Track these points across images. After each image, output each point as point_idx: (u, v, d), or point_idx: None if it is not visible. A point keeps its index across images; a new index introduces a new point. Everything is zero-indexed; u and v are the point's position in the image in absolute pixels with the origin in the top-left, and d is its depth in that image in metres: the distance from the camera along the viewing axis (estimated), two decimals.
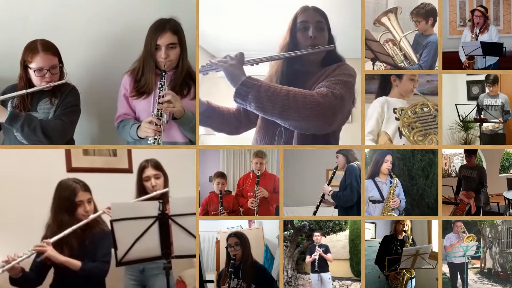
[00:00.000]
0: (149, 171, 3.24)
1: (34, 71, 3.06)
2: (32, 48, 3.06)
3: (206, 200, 3.62)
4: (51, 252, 2.87)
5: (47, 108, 3.14)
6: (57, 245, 2.91)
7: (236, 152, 3.77)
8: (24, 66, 3.09)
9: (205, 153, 3.32)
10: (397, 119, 3.36)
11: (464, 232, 3.61)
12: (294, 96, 2.82)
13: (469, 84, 3.85)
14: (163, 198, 3.01)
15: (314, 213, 3.43)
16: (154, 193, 3.16)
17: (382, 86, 3.44)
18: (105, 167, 3.74)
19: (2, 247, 3.16)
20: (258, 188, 3.57)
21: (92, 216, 3.00)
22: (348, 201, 3.33)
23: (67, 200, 2.99)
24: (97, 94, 3.49)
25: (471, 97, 3.83)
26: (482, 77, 3.78)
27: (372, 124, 3.36)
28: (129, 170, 3.69)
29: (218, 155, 3.72)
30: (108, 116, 3.43)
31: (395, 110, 3.38)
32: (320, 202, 3.44)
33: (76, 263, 2.91)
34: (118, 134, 3.36)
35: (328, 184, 3.46)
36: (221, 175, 3.68)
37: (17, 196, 3.58)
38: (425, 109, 3.39)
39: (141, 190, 3.25)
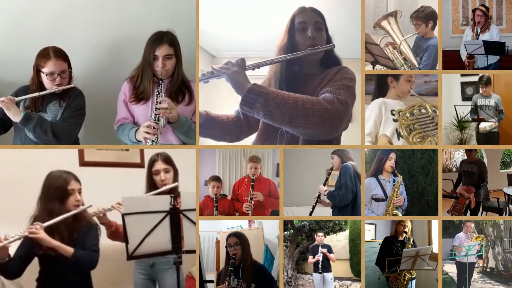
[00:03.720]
0: (159, 165, 3.27)
1: (46, 75, 3.29)
2: (45, 54, 3.31)
3: (200, 204, 3.59)
4: (43, 235, 2.84)
5: (56, 109, 3.36)
6: (47, 233, 2.87)
7: (232, 156, 3.78)
8: (37, 71, 3.33)
9: (200, 157, 3.34)
10: (395, 120, 3.36)
11: (473, 232, 3.61)
12: (302, 103, 2.83)
13: (463, 85, 3.87)
14: (173, 192, 3.03)
15: (310, 214, 3.45)
16: (163, 188, 3.18)
17: (378, 87, 3.44)
18: (117, 162, 3.79)
19: None
20: (253, 193, 3.58)
21: (83, 207, 2.98)
22: (343, 200, 3.35)
23: (58, 189, 2.98)
24: (96, 97, 3.59)
25: (465, 97, 3.86)
26: (475, 78, 3.82)
27: (370, 126, 3.37)
28: (141, 165, 3.73)
29: (214, 159, 3.73)
30: (107, 119, 3.55)
31: (393, 112, 3.38)
32: (316, 202, 3.45)
33: (69, 249, 2.87)
34: (117, 137, 3.48)
35: (324, 184, 3.48)
36: (216, 179, 3.69)
37: (31, 191, 3.60)
38: (423, 111, 3.39)
39: (151, 184, 3.29)
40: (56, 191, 2.98)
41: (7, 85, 3.52)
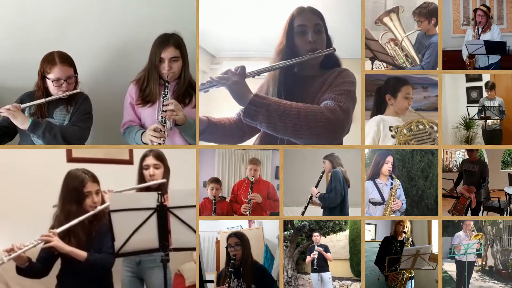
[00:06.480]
0: (150, 160, 3.29)
1: (52, 81, 3.25)
2: (50, 60, 3.26)
3: (199, 206, 3.56)
4: (57, 242, 2.85)
5: (63, 114, 3.33)
6: (64, 236, 2.89)
7: (231, 157, 3.77)
8: (42, 76, 3.28)
9: (200, 159, 3.33)
10: (393, 136, 3.35)
11: (473, 230, 3.61)
12: (305, 113, 2.83)
13: (468, 89, 3.92)
14: (162, 190, 3.00)
15: (303, 214, 3.49)
16: (150, 183, 3.19)
17: (377, 104, 3.41)
18: (105, 158, 3.74)
19: (11, 238, 3.12)
20: (252, 194, 3.58)
21: (99, 208, 2.97)
22: (333, 202, 3.45)
23: (75, 191, 2.97)
24: (101, 100, 3.57)
25: (470, 100, 3.91)
26: (480, 84, 3.88)
27: (368, 143, 3.35)
28: (129, 162, 3.71)
29: (213, 160, 3.72)
30: (113, 122, 3.54)
31: (391, 128, 3.36)
32: (308, 203, 3.50)
33: (82, 254, 2.89)
34: (124, 140, 3.47)
35: (316, 187, 3.53)
36: (215, 181, 3.68)
37: (21, 186, 3.64)
38: (421, 127, 3.37)
39: (141, 178, 3.31)
40: (72, 193, 2.98)
41: (10, 90, 3.51)
